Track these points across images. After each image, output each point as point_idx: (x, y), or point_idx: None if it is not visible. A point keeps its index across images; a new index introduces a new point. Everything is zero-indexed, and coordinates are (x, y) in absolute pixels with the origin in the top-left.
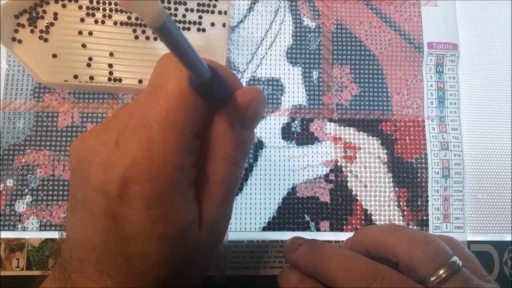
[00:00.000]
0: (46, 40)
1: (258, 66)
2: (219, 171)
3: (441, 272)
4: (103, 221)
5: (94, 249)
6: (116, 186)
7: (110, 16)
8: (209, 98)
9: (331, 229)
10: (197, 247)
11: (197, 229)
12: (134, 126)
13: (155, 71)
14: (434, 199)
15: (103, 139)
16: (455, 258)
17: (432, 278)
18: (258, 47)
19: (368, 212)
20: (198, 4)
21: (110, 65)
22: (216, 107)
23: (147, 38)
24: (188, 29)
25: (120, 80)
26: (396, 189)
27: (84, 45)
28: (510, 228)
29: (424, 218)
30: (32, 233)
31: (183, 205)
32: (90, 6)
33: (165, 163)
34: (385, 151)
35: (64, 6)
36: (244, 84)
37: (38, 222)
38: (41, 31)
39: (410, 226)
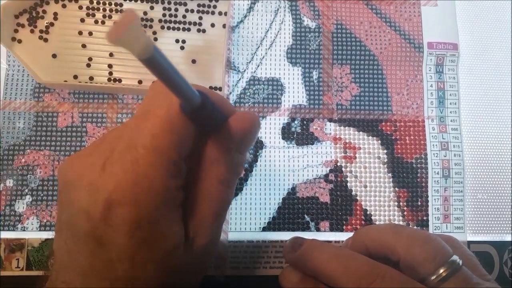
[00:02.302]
0: (46, 40)
1: (258, 66)
2: (213, 193)
3: (441, 270)
4: (87, 244)
5: (79, 273)
6: (100, 209)
7: (110, 17)
8: (201, 122)
9: (331, 229)
10: (184, 268)
11: (183, 250)
12: (121, 149)
13: (147, 95)
14: (434, 199)
15: (90, 161)
16: (455, 257)
17: (433, 277)
18: (258, 47)
19: (368, 212)
20: (198, 5)
21: (110, 66)
22: (210, 131)
23: None
24: (188, 29)
25: (120, 80)
26: (396, 189)
27: (84, 46)
28: (510, 228)
29: (424, 218)
30: (32, 233)
31: (168, 228)
32: (90, 6)
33: (149, 187)
34: (385, 151)
35: (64, 6)
36: (244, 84)
37: (38, 222)
38: (41, 31)
39: (410, 226)
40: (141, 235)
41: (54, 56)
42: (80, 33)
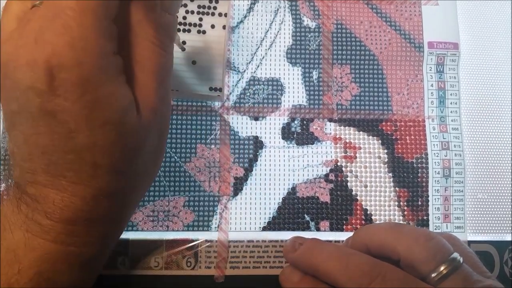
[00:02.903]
0: None
1: (258, 66)
2: (147, 56)
3: (442, 268)
4: (43, 120)
5: (42, 153)
6: (44, 79)
7: None
8: None
9: (331, 229)
10: (141, 132)
11: (136, 113)
12: (48, 17)
13: None
14: (435, 199)
15: (22, 41)
16: (455, 255)
17: (433, 275)
18: (258, 47)
19: (368, 212)
20: (198, 6)
21: None
22: None
23: None
24: (189, 31)
25: None
26: (396, 189)
27: None
28: (510, 228)
29: (424, 218)
30: None
31: (116, 88)
32: None
33: (86, 47)
34: (385, 151)
35: None
36: (244, 84)
37: None
38: None
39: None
40: (91, 97)
41: None
42: None
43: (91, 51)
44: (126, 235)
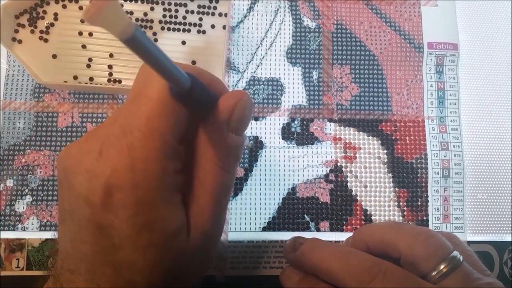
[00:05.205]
0: (46, 40)
1: (258, 66)
2: (209, 177)
3: (442, 266)
4: (89, 230)
5: (83, 260)
6: (99, 195)
7: None
8: (191, 105)
9: (331, 229)
10: (187, 254)
11: (186, 235)
12: (116, 133)
13: (137, 78)
14: (434, 199)
15: (86, 148)
16: (455, 253)
17: (434, 273)
18: (258, 47)
19: (368, 212)
20: (199, 6)
21: (110, 66)
22: (203, 113)
23: None
24: (189, 31)
25: (119, 81)
26: (396, 189)
27: (84, 46)
28: (510, 228)
29: (424, 218)
30: (32, 233)
31: (168, 212)
32: None
33: (146, 170)
34: (385, 151)
35: (64, 6)
36: (244, 84)
37: (38, 222)
38: (41, 32)
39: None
40: (142, 219)
41: (54, 56)
42: (80, 33)
43: (150, 174)
44: None
